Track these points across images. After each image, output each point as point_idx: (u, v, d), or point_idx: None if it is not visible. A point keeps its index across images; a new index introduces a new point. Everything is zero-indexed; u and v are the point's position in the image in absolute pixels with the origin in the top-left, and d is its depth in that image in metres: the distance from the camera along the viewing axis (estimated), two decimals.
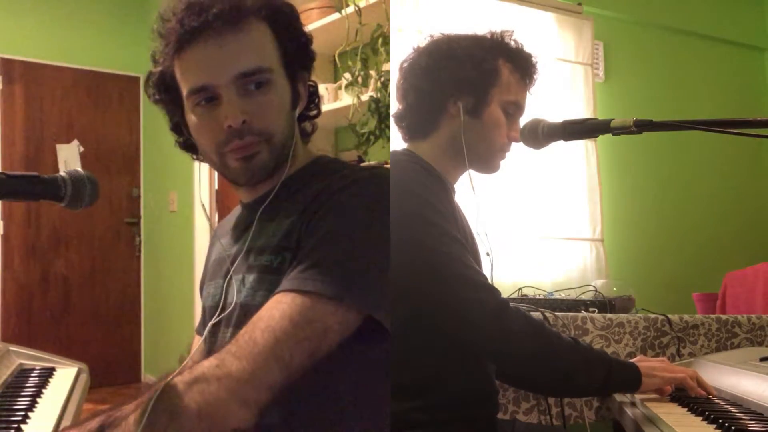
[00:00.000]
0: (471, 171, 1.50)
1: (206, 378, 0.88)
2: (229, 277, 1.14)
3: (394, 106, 1.52)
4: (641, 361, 1.39)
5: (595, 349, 1.34)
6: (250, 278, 1.08)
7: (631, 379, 1.32)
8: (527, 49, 1.48)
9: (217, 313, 1.12)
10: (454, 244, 1.30)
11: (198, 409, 0.86)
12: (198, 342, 1.20)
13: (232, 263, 1.14)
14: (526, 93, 1.48)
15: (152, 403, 0.85)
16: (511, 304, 1.29)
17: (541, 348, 1.27)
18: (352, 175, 1.07)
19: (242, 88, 1.06)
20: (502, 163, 1.49)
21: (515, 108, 1.45)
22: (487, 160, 1.47)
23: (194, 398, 0.87)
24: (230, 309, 1.10)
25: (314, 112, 1.23)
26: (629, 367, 1.33)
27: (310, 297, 0.94)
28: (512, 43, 1.47)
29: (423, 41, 1.50)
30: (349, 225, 1.00)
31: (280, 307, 0.94)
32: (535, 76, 1.48)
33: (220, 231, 1.29)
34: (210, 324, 1.12)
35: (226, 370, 0.89)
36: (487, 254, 1.50)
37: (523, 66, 1.46)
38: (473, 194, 1.49)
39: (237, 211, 1.25)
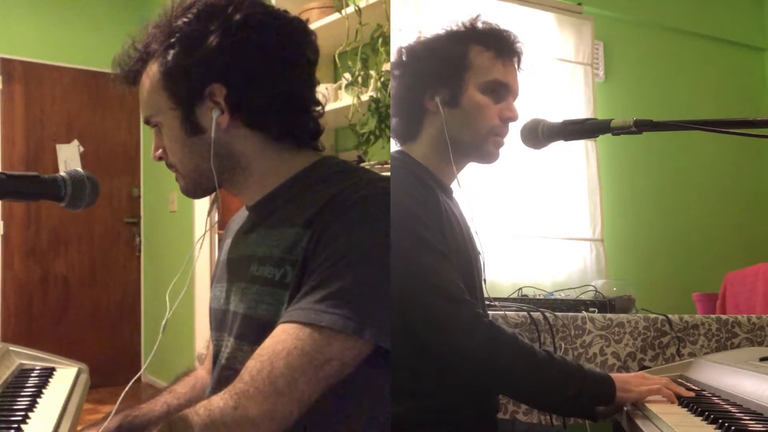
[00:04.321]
0: (471, 165, 1.48)
1: (225, 423, 0.91)
2: (230, 281, 1.16)
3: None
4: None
5: (570, 362, 1.32)
6: (253, 289, 1.07)
7: (605, 392, 1.30)
8: (502, 27, 1.43)
9: (220, 318, 1.17)
10: (433, 255, 1.28)
11: None
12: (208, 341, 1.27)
13: (233, 268, 1.15)
14: (512, 70, 1.42)
15: None
16: (487, 319, 1.28)
17: (513, 363, 1.26)
18: (361, 189, 1.03)
19: (154, 128, 1.18)
20: (501, 151, 1.43)
21: (498, 86, 1.40)
22: (477, 146, 1.42)
23: None
24: (231, 318, 1.12)
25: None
26: (604, 380, 1.31)
27: (328, 333, 0.93)
28: (480, 24, 1.43)
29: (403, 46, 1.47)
30: (363, 250, 0.97)
31: (298, 344, 0.93)
32: (515, 50, 1.42)
33: (230, 228, 1.29)
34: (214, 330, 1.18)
35: (244, 413, 0.91)
36: (479, 253, 1.50)
37: (495, 43, 1.41)
38: (461, 190, 1.46)
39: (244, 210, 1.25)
